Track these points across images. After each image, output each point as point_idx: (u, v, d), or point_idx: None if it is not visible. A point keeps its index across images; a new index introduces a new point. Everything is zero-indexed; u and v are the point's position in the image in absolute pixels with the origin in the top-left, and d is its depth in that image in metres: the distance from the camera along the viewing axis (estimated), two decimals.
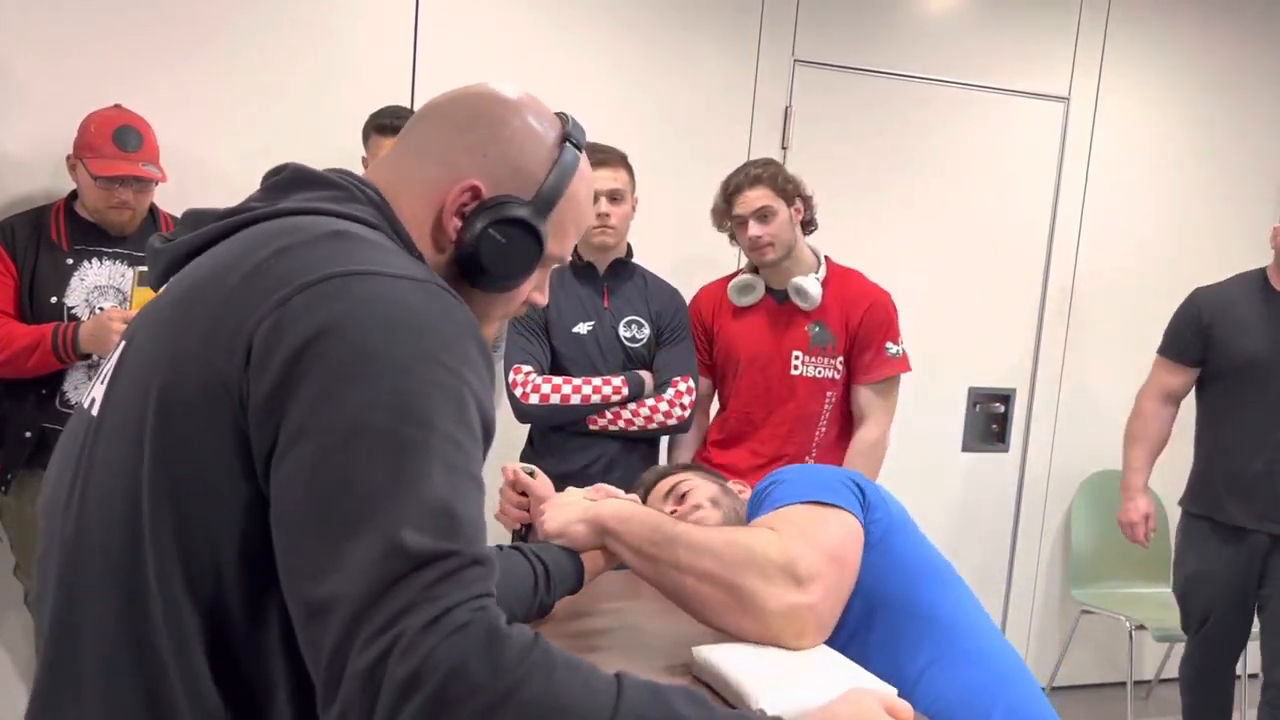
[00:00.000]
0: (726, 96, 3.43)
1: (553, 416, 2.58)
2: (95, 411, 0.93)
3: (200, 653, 0.83)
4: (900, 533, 1.47)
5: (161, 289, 0.96)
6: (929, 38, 3.65)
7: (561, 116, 1.08)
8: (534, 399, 2.54)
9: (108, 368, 0.95)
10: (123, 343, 0.95)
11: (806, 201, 2.71)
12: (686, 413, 2.62)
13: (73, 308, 2.53)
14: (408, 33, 3.06)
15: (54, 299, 2.52)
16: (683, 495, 1.76)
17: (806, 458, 2.71)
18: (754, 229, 2.63)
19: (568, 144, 1.05)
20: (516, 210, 0.99)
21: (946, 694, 1.39)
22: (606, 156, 2.65)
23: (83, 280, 2.54)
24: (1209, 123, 4.00)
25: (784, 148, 3.46)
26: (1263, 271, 3.04)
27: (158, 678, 0.83)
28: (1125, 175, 3.96)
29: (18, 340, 2.44)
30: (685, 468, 1.93)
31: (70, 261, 2.54)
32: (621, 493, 1.61)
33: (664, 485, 1.82)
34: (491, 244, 0.98)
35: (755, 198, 2.63)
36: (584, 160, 1.07)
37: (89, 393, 0.97)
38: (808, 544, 1.34)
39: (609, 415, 2.60)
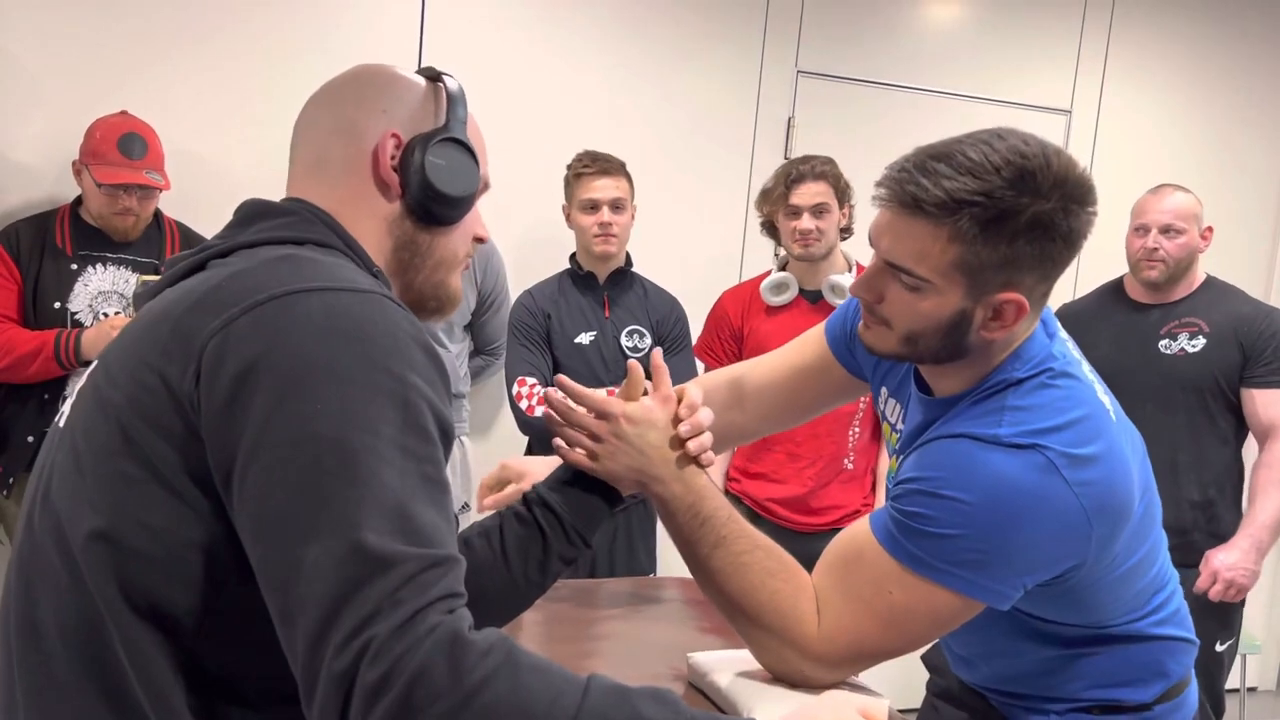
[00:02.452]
0: (729, 107, 3.44)
1: None
2: (62, 424, 0.96)
3: (159, 662, 0.85)
4: (1100, 581, 1.24)
5: (136, 315, 0.99)
6: (931, 50, 3.66)
7: (422, 70, 1.11)
8: (539, 411, 2.55)
9: (77, 385, 0.98)
10: (95, 362, 0.97)
11: (851, 209, 2.71)
12: None
13: (76, 313, 2.54)
14: (413, 39, 3.07)
15: (58, 304, 2.53)
16: None
17: (845, 460, 2.70)
18: (807, 221, 2.62)
19: (441, 79, 1.08)
20: (442, 134, 1.03)
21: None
22: (607, 165, 2.67)
23: (87, 286, 2.56)
24: (1212, 133, 4.01)
25: (786, 158, 3.47)
26: (1120, 280, 2.90)
27: (119, 685, 0.85)
28: (1128, 187, 3.94)
29: (20, 346, 2.46)
30: None
31: (74, 267, 2.56)
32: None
33: None
34: (436, 170, 1.02)
35: (817, 191, 2.62)
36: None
37: (61, 410, 1.00)
38: (852, 645, 1.22)
39: None
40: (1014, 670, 1.39)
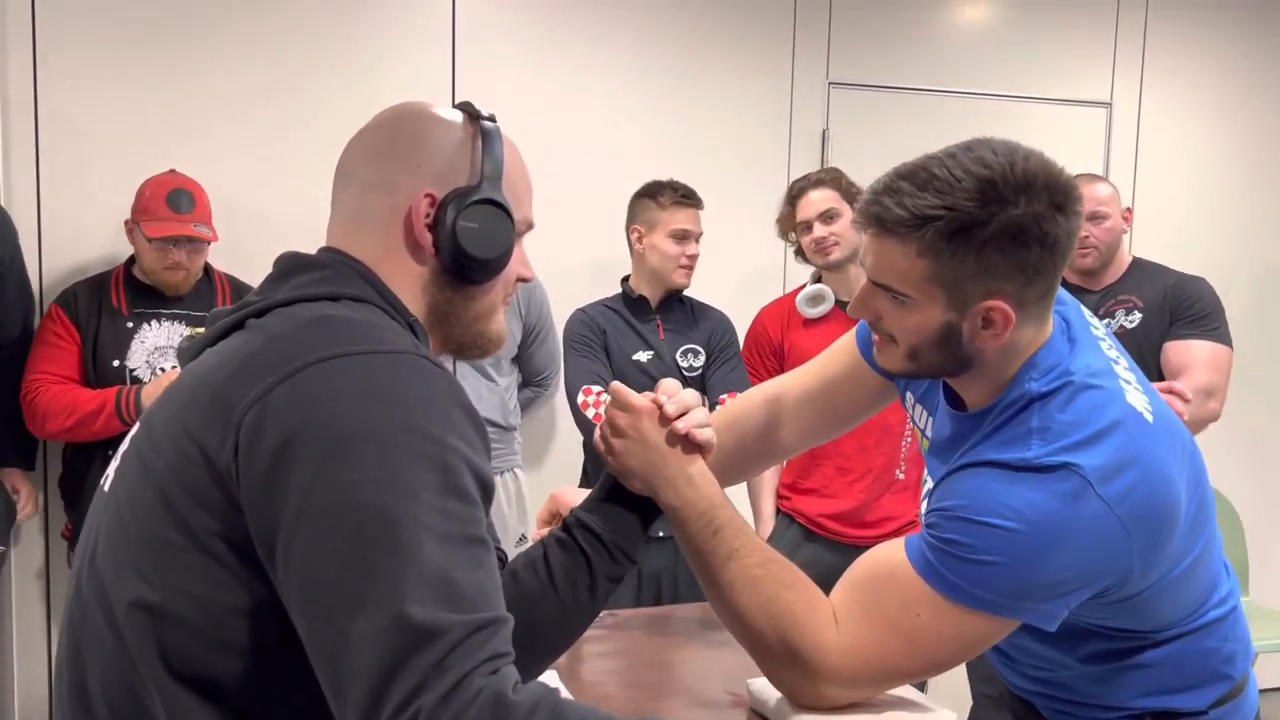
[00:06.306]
0: (763, 124, 3.44)
1: None
2: (107, 488, 0.97)
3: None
4: (1156, 585, 1.22)
5: (177, 377, 1.00)
6: (963, 52, 3.63)
7: (460, 105, 1.09)
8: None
9: (121, 447, 0.99)
10: (138, 424, 0.99)
11: None
12: None
13: (134, 369, 2.60)
14: (445, 77, 3.12)
15: (116, 362, 2.60)
16: None
17: (897, 471, 2.68)
18: (819, 229, 2.62)
19: (479, 120, 1.06)
20: (474, 194, 1.02)
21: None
22: (696, 198, 2.72)
23: (143, 342, 2.62)
24: (1255, 118, 3.93)
25: None
26: None
27: None
28: (1173, 177, 3.90)
29: (83, 405, 2.52)
30: None
31: (130, 325, 2.62)
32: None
33: None
34: (469, 234, 1.01)
35: (820, 199, 2.63)
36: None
37: (106, 472, 1.01)
38: (872, 662, 1.21)
39: None
40: (1063, 676, 1.36)
